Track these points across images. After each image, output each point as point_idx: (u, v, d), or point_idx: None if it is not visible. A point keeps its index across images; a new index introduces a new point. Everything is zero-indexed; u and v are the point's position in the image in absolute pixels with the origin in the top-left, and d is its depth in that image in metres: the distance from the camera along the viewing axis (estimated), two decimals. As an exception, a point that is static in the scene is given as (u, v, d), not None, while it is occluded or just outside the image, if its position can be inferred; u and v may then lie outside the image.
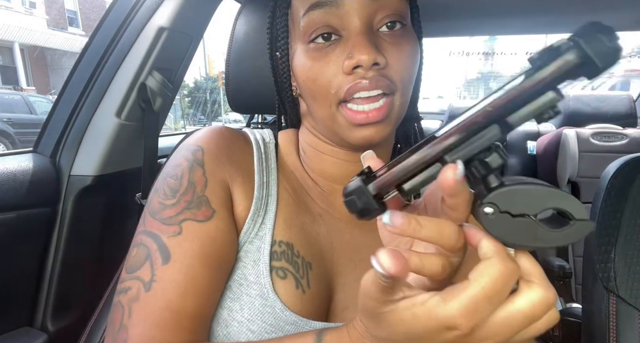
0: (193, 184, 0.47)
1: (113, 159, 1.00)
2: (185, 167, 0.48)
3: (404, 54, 0.46)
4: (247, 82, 0.73)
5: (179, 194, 0.46)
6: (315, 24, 0.45)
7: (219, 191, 0.47)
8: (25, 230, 0.89)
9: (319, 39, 0.46)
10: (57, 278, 0.96)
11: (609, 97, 1.92)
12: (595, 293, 0.72)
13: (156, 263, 0.43)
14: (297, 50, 0.48)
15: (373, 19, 0.45)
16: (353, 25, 0.45)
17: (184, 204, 0.46)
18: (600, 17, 1.33)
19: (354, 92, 0.44)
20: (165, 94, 1.03)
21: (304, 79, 0.48)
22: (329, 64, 0.45)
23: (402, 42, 0.46)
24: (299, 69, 0.48)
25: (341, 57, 0.45)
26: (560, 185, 1.79)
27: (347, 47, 0.44)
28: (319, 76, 0.46)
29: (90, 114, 0.97)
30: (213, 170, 0.48)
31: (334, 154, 0.53)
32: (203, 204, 0.46)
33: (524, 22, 1.42)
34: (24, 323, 0.94)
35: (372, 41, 0.44)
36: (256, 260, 0.47)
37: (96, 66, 0.96)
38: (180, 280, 0.43)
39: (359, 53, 0.43)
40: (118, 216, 1.06)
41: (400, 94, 0.46)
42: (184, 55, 1.06)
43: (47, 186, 0.94)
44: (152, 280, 0.43)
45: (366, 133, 0.46)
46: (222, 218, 0.46)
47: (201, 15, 1.03)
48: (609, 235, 0.71)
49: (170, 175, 0.49)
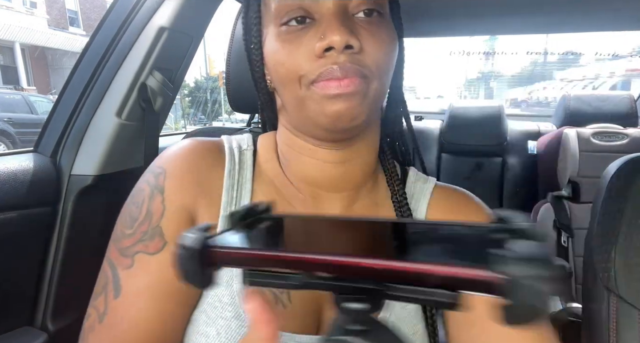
0: (150, 214, 0.47)
1: (113, 159, 1.00)
2: (147, 194, 0.48)
3: (381, 42, 0.43)
4: (247, 82, 0.73)
5: (136, 224, 0.47)
6: (287, 7, 0.43)
7: (175, 220, 0.47)
8: (25, 230, 0.89)
9: (292, 22, 0.43)
10: (58, 278, 0.96)
11: (609, 97, 1.91)
12: (595, 292, 0.72)
13: (109, 295, 0.45)
14: (269, 35, 0.46)
15: (348, 4, 0.43)
16: (326, 7, 0.42)
17: (139, 235, 0.46)
18: (600, 17, 1.33)
19: (325, 79, 0.42)
20: (165, 93, 1.03)
21: (274, 63, 0.45)
22: (299, 48, 0.42)
23: (379, 30, 0.44)
24: (269, 54, 0.46)
25: (313, 40, 0.42)
26: (561, 185, 1.78)
27: (320, 29, 0.42)
28: (289, 58, 0.43)
29: (91, 114, 0.97)
30: (173, 196, 0.47)
31: (312, 155, 0.50)
32: (156, 236, 0.46)
33: (524, 22, 1.42)
34: (24, 323, 0.94)
35: (346, 24, 0.41)
36: (229, 281, 0.46)
37: (97, 66, 0.96)
38: (127, 316, 0.44)
39: (331, 33, 0.40)
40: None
41: (377, 80, 0.43)
42: (184, 55, 1.06)
43: (47, 185, 0.94)
44: (105, 313, 0.44)
45: (339, 105, 0.42)
46: (173, 250, 0.45)
47: (202, 15, 1.04)
48: (609, 234, 0.71)
49: (133, 201, 0.49)
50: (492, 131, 2.07)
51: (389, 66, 0.45)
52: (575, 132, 1.77)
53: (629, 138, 1.73)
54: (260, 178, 0.52)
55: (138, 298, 0.44)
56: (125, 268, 0.45)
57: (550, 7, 1.19)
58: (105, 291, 0.45)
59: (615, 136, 1.75)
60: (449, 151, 2.15)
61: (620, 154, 0.79)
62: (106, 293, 0.45)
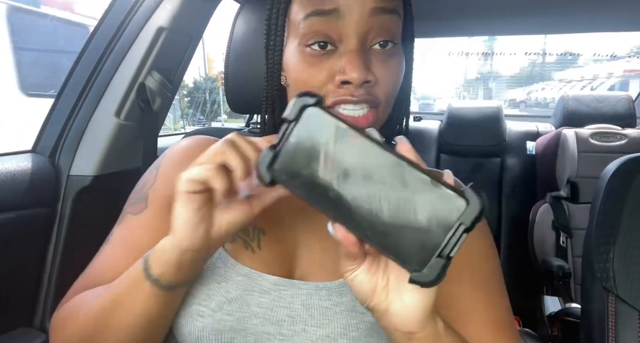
0: (144, 184, 0.56)
1: (112, 159, 1.00)
2: (148, 171, 0.58)
3: (392, 73, 0.49)
4: (247, 82, 0.73)
5: (134, 193, 0.57)
6: (313, 31, 0.47)
7: (161, 189, 0.54)
8: (24, 230, 0.89)
9: (315, 46, 0.48)
10: (56, 278, 0.96)
11: (608, 97, 1.92)
12: (594, 293, 0.72)
13: (103, 246, 0.55)
14: (292, 47, 0.50)
15: (368, 36, 0.47)
16: (350, 41, 0.47)
17: (133, 200, 0.56)
18: (599, 18, 1.33)
19: (340, 103, 0.47)
20: (164, 94, 1.03)
21: (295, 78, 0.50)
22: (321, 72, 0.48)
23: (391, 60, 0.49)
24: (291, 67, 0.50)
25: (334, 68, 0.47)
26: (560, 185, 1.79)
27: (341, 61, 0.47)
28: (310, 80, 0.48)
29: (89, 114, 0.97)
30: (165, 171, 0.56)
31: None
32: (142, 200, 0.55)
33: (523, 23, 1.43)
34: (22, 323, 0.94)
35: (365, 60, 0.46)
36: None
37: (95, 66, 0.96)
38: (106, 260, 0.53)
39: (351, 71, 0.45)
40: (117, 216, 1.06)
41: (383, 107, 0.50)
42: (183, 55, 1.06)
43: (46, 186, 0.93)
44: (95, 257, 0.55)
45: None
46: (150, 212, 0.53)
47: (200, 16, 1.04)
48: (608, 235, 0.71)
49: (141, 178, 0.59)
50: (490, 132, 2.07)
51: (397, 90, 0.51)
52: (574, 132, 1.77)
53: (627, 138, 1.74)
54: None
55: (115, 247, 0.53)
56: (117, 225, 0.56)
57: (548, 8, 1.19)
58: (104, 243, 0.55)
59: (614, 137, 1.75)
60: (448, 151, 2.15)
61: (618, 154, 0.79)
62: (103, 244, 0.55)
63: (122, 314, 0.43)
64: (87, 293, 0.50)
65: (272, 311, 0.48)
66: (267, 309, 0.48)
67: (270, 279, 0.50)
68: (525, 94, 14.31)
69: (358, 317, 0.49)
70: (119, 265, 0.50)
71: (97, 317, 0.45)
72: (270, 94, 0.57)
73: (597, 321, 0.71)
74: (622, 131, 1.76)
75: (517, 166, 2.07)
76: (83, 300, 0.49)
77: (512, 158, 2.09)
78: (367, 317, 0.49)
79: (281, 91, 0.56)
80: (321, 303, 0.49)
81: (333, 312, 0.49)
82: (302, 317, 0.48)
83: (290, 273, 0.52)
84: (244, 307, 0.48)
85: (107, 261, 0.53)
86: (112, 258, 0.52)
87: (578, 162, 1.74)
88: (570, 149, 1.75)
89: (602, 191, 0.74)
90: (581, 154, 1.74)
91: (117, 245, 0.53)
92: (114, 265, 0.51)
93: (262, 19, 0.72)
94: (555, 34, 2.11)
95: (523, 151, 2.06)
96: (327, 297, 0.50)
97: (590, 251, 0.73)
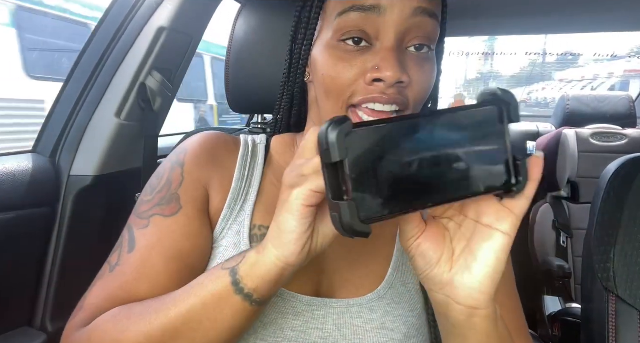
0: (169, 182, 0.51)
1: (112, 159, 1.00)
2: (168, 167, 0.53)
3: (425, 77, 0.47)
4: (247, 82, 0.73)
5: (155, 192, 0.51)
6: (349, 26, 0.46)
7: (191, 190, 0.51)
8: (24, 230, 0.89)
9: (349, 41, 0.46)
10: (57, 278, 0.96)
11: (608, 97, 1.92)
12: (594, 292, 0.72)
13: (123, 250, 0.48)
14: (323, 41, 0.49)
15: (405, 36, 0.46)
16: (387, 38, 0.45)
17: (157, 200, 0.50)
18: (600, 17, 1.33)
19: (368, 101, 0.46)
20: (164, 93, 1.03)
21: (323, 73, 0.48)
22: (352, 68, 0.46)
23: (425, 64, 0.48)
24: (320, 62, 0.49)
25: (366, 65, 0.46)
26: (560, 185, 1.79)
27: (375, 58, 0.45)
28: (339, 76, 0.46)
29: (90, 114, 0.97)
30: (191, 169, 0.52)
31: None
32: (173, 201, 0.50)
33: (524, 22, 1.42)
34: (23, 323, 0.94)
35: (400, 59, 0.45)
36: (237, 243, 0.50)
37: (95, 66, 0.96)
38: (137, 267, 0.46)
39: (385, 69, 0.43)
40: (117, 216, 1.06)
41: (410, 110, 0.48)
42: (183, 55, 1.06)
43: (46, 186, 0.93)
44: (117, 264, 0.47)
45: None
46: (187, 214, 0.49)
47: (201, 15, 1.03)
48: (608, 234, 0.71)
49: (155, 174, 0.54)
50: (491, 132, 2.07)
51: (426, 96, 0.50)
52: (574, 132, 1.77)
53: (627, 138, 1.74)
54: (271, 165, 0.56)
55: (149, 253, 0.47)
56: (141, 228, 0.49)
57: (549, 8, 1.19)
58: (120, 247, 0.49)
59: (614, 137, 1.75)
60: (448, 151, 2.14)
61: (618, 154, 0.79)
62: (120, 249, 0.48)
63: (201, 332, 0.38)
64: (123, 310, 0.42)
65: (304, 333, 0.47)
66: (300, 332, 0.47)
67: (303, 299, 0.48)
68: (526, 94, 14.28)
69: (388, 334, 0.48)
70: (157, 274, 0.46)
71: (162, 336, 0.39)
72: (290, 90, 0.55)
73: (597, 321, 0.71)
74: (622, 130, 1.76)
75: (517, 166, 2.07)
76: (120, 317, 0.42)
77: (512, 158, 2.09)
78: (396, 334, 0.48)
79: (303, 87, 0.55)
80: (352, 321, 0.48)
81: (363, 330, 0.48)
82: (334, 337, 0.48)
83: (318, 289, 0.51)
84: (278, 331, 0.47)
85: (141, 271, 0.46)
86: (147, 266, 0.46)
87: (578, 162, 1.74)
88: (571, 149, 1.75)
89: (602, 190, 0.74)
90: (581, 154, 1.74)
91: (151, 251, 0.47)
92: (151, 274, 0.46)
93: (263, 19, 0.72)
94: (555, 34, 2.10)
95: (523, 150, 2.05)
96: (358, 314, 0.49)
97: (590, 251, 0.73)
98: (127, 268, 0.47)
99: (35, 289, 0.95)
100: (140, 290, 0.45)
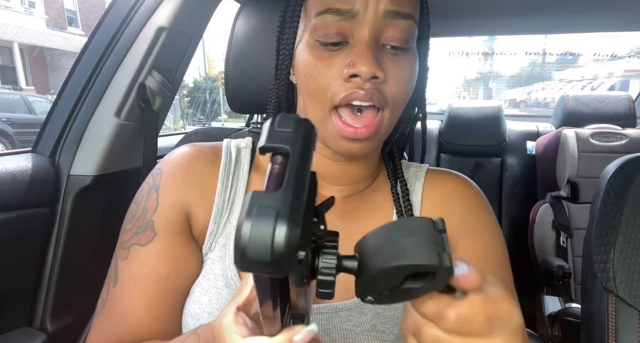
0: (145, 210, 0.52)
1: (112, 159, 1.00)
2: (145, 192, 0.53)
3: (403, 74, 0.48)
4: (247, 82, 0.73)
5: (134, 220, 0.52)
6: (326, 28, 0.46)
7: (167, 214, 0.51)
8: (24, 230, 0.89)
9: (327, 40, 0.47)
10: (57, 278, 0.95)
11: (608, 97, 1.92)
12: (594, 293, 0.72)
13: (110, 285, 0.51)
14: (304, 41, 0.49)
15: (381, 34, 0.47)
16: (361, 35, 0.46)
17: (135, 229, 0.51)
18: (599, 18, 1.33)
19: (349, 100, 0.46)
20: (164, 94, 1.03)
21: (305, 74, 0.49)
22: (331, 67, 0.47)
23: (403, 62, 0.48)
24: (301, 62, 0.49)
25: (344, 62, 0.46)
26: (560, 185, 1.78)
27: (351, 55, 0.46)
28: (320, 76, 0.47)
29: (90, 114, 0.97)
30: (166, 193, 0.52)
31: (320, 151, 0.53)
32: (148, 229, 0.51)
33: (524, 22, 1.42)
34: (22, 323, 0.94)
35: (375, 55, 0.45)
36: (222, 256, 0.51)
37: (95, 66, 0.96)
38: (120, 301, 0.49)
39: (360, 64, 0.44)
40: (117, 216, 1.06)
41: (390, 110, 0.48)
42: (183, 55, 1.06)
43: (46, 186, 0.93)
44: (106, 300, 0.50)
45: (351, 147, 0.48)
46: (163, 240, 0.50)
47: (201, 15, 1.03)
48: (608, 234, 0.71)
49: (135, 200, 0.54)
50: (491, 132, 2.07)
51: (407, 95, 0.50)
52: (574, 132, 1.77)
53: (627, 138, 1.74)
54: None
55: (130, 285, 0.49)
56: (122, 259, 0.51)
57: (548, 8, 1.19)
58: (108, 281, 0.51)
59: (614, 137, 1.75)
60: (448, 151, 2.15)
61: (618, 154, 0.79)
62: (108, 283, 0.51)
63: None
64: None
65: None
66: None
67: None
68: (526, 94, 14.29)
69: (379, 336, 0.48)
70: (135, 308, 0.48)
71: None
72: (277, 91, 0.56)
73: (597, 321, 0.71)
74: (622, 131, 1.76)
75: (517, 166, 2.07)
76: None
77: (512, 158, 2.09)
78: (387, 336, 0.48)
79: (289, 89, 0.55)
80: (342, 325, 0.48)
81: (354, 334, 0.48)
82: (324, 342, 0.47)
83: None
84: None
85: (124, 307, 0.49)
86: (126, 301, 0.49)
87: (578, 162, 1.74)
88: (571, 149, 1.75)
89: (602, 191, 0.74)
90: (581, 154, 1.74)
91: (130, 284, 0.49)
92: (129, 309, 0.48)
93: (263, 19, 0.72)
94: (555, 34, 2.10)
95: (523, 151, 2.06)
96: (347, 318, 0.49)
97: (590, 251, 0.73)
98: (112, 304, 0.49)
99: (35, 289, 0.95)
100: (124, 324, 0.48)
